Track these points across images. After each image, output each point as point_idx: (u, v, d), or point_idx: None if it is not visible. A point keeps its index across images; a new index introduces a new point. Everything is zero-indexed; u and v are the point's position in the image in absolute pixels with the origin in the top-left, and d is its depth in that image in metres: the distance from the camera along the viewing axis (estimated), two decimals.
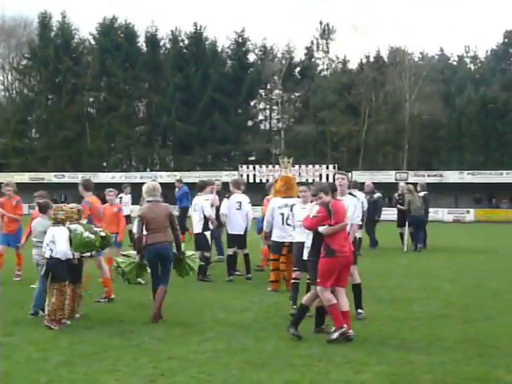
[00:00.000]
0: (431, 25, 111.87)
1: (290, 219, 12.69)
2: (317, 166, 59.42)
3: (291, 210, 12.53)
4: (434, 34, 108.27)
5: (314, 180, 53.46)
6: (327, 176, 57.47)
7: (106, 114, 71.90)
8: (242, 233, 15.50)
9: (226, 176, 57.34)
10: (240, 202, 15.53)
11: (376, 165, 63.30)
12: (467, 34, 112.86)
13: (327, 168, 59.14)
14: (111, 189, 15.48)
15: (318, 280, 9.06)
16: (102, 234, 10.98)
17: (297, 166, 58.75)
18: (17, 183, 51.50)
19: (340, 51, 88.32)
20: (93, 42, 75.70)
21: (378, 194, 22.74)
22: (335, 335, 8.96)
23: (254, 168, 60.73)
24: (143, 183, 17.39)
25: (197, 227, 15.54)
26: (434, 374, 7.47)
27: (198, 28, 72.51)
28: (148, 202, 10.99)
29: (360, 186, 21.05)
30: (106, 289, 12.25)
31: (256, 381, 7.24)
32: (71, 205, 11.35)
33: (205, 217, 15.37)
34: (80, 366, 7.80)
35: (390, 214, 35.78)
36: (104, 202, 15.05)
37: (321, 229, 9.10)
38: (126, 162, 75.05)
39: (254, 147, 70.98)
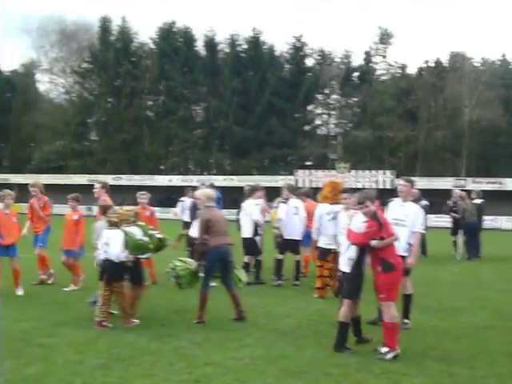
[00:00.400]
0: (494, 30, 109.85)
1: (332, 227, 12.47)
2: (373, 172, 59.00)
3: (333, 218, 12.35)
4: (497, 40, 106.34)
5: (370, 186, 53.11)
6: (384, 182, 57.05)
7: (164, 118, 72.52)
8: (299, 238, 15.44)
9: (282, 180, 57.28)
10: (297, 207, 15.45)
11: (434, 171, 62.38)
12: None
13: (384, 174, 58.68)
14: (143, 192, 15.34)
15: (383, 295, 8.72)
16: (158, 236, 11.03)
17: (353, 172, 58.55)
18: (75, 185, 52.59)
19: (399, 56, 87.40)
20: (152, 46, 76.49)
21: (424, 202, 22.24)
22: (389, 356, 8.56)
23: (310, 173, 60.59)
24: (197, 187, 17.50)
25: (246, 232, 15.54)
26: None
27: (256, 32, 72.72)
28: (207, 207, 11.03)
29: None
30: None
31: None
32: (128, 207, 11.56)
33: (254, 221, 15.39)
34: (116, 369, 7.80)
35: (444, 221, 35.37)
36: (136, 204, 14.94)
37: (374, 242, 8.75)
38: (184, 165, 75.43)
39: (310, 152, 70.78)
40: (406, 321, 10.47)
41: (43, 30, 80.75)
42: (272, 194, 18.69)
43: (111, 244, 10.34)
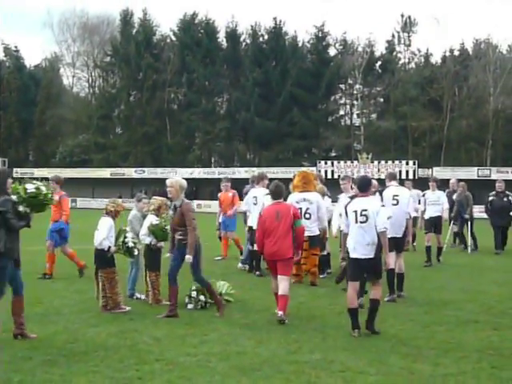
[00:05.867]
0: None
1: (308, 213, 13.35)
2: (396, 162, 58.23)
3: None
4: None
5: None
6: (407, 172, 56.25)
7: (186, 110, 72.35)
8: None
9: None
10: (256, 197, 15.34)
11: (458, 161, 61.49)
12: None
13: (407, 164, 57.90)
14: None
15: None
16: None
17: (376, 162, 57.82)
18: (98, 178, 53.26)
19: (422, 44, 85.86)
20: (173, 39, 76.32)
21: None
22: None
23: (333, 164, 60.03)
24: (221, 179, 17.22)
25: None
26: None
27: (278, 23, 72.13)
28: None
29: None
30: None
31: None
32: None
33: None
34: (61, 366, 7.45)
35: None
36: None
37: None
38: (206, 157, 75.24)
39: (333, 143, 70.19)
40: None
41: (65, 24, 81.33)
42: None
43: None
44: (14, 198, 8.52)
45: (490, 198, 21.32)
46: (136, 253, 11.12)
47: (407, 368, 7.46)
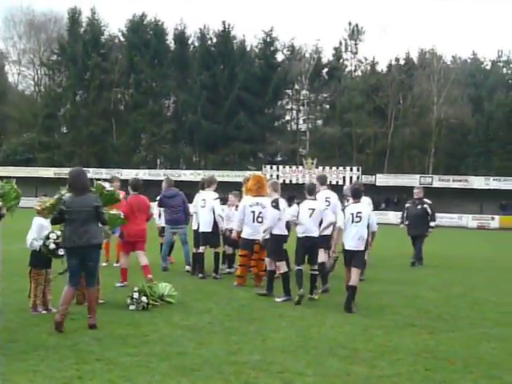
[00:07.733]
0: (465, 28, 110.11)
1: (261, 217, 13.29)
2: (341, 168, 58.85)
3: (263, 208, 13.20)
4: (467, 38, 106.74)
5: (337, 182, 53.00)
6: (351, 178, 56.89)
7: (133, 111, 71.99)
8: (210, 230, 15.14)
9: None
10: (205, 200, 15.22)
11: (401, 168, 62.55)
12: (502, 38, 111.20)
13: (351, 170, 58.57)
14: None
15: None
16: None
17: (321, 168, 58.33)
18: (42, 178, 52.23)
19: (369, 52, 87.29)
20: (122, 39, 75.98)
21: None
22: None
23: (278, 168, 60.42)
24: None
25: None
26: None
27: (227, 26, 72.38)
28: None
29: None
30: None
31: None
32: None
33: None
34: (0, 365, 7.43)
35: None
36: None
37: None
38: (152, 159, 75.04)
39: (280, 147, 70.78)
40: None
41: (11, 20, 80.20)
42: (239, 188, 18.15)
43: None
44: None
45: (406, 205, 20.32)
46: (61, 253, 10.23)
47: (344, 370, 7.62)
